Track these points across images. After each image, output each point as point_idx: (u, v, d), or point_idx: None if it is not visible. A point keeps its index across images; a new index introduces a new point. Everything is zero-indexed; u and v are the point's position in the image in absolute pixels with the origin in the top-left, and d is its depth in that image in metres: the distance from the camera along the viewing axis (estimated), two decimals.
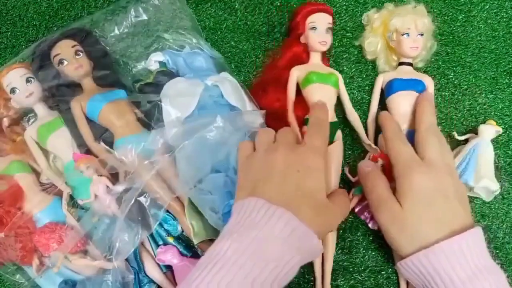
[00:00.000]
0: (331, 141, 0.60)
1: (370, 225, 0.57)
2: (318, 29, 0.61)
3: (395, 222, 0.45)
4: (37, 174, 0.58)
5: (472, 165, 0.58)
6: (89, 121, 0.57)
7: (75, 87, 0.58)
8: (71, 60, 0.56)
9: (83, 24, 0.62)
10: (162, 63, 0.62)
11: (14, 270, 0.55)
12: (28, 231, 0.53)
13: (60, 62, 0.56)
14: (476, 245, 0.42)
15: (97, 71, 0.59)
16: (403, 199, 0.45)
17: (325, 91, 0.60)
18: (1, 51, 0.67)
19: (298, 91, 0.62)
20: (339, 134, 0.61)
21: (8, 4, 0.68)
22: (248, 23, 0.67)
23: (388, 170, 0.57)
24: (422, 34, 0.61)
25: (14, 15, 0.68)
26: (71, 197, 0.57)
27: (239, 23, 0.67)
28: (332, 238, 0.58)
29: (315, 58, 0.63)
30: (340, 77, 0.63)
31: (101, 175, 0.54)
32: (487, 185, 0.58)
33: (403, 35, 0.61)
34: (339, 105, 0.63)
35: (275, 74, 0.63)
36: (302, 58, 0.63)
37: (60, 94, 0.58)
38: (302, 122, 0.60)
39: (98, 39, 0.62)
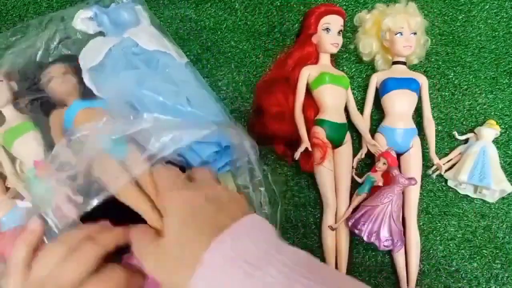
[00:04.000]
0: (340, 143, 0.60)
1: (365, 238, 0.55)
2: (332, 31, 0.61)
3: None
4: (2, 178, 0.56)
5: (488, 169, 0.59)
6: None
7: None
8: (58, 78, 0.55)
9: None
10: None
11: None
12: None
13: (49, 80, 0.55)
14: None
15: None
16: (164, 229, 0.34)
17: (336, 92, 0.60)
18: None
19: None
20: (348, 136, 0.61)
21: (8, 4, 0.68)
22: (248, 23, 0.67)
23: (390, 168, 0.57)
24: (415, 33, 0.61)
25: (14, 15, 0.68)
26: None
27: (239, 23, 0.67)
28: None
29: (325, 59, 0.63)
30: (348, 80, 0.63)
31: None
32: (506, 187, 0.59)
33: (396, 34, 0.61)
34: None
35: (283, 73, 0.63)
36: (312, 58, 0.63)
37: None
38: (312, 123, 0.61)
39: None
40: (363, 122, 0.62)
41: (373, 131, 0.62)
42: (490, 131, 0.61)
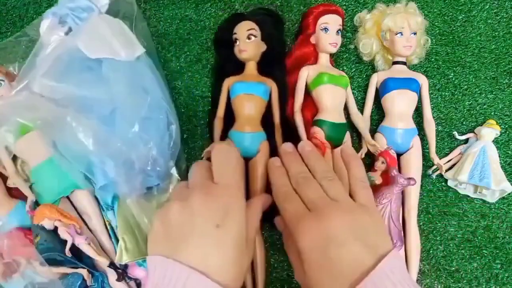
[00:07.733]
0: (340, 143, 0.60)
1: None
2: (330, 31, 0.61)
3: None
4: (3, 178, 0.56)
5: (488, 169, 0.59)
6: None
7: None
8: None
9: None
10: None
11: None
12: None
13: None
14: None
15: None
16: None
17: (335, 92, 0.60)
18: None
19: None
20: (347, 135, 0.61)
21: (8, 4, 0.68)
22: None
23: (389, 168, 0.57)
24: (415, 33, 0.61)
25: (14, 15, 0.68)
26: (36, 203, 0.55)
27: None
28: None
29: (324, 59, 0.63)
30: (348, 79, 0.63)
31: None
32: (506, 187, 0.59)
33: (396, 34, 0.61)
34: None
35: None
36: (310, 58, 0.63)
37: None
38: (310, 123, 0.60)
39: None
40: (363, 122, 0.62)
41: (373, 131, 0.62)
42: (490, 131, 0.61)
